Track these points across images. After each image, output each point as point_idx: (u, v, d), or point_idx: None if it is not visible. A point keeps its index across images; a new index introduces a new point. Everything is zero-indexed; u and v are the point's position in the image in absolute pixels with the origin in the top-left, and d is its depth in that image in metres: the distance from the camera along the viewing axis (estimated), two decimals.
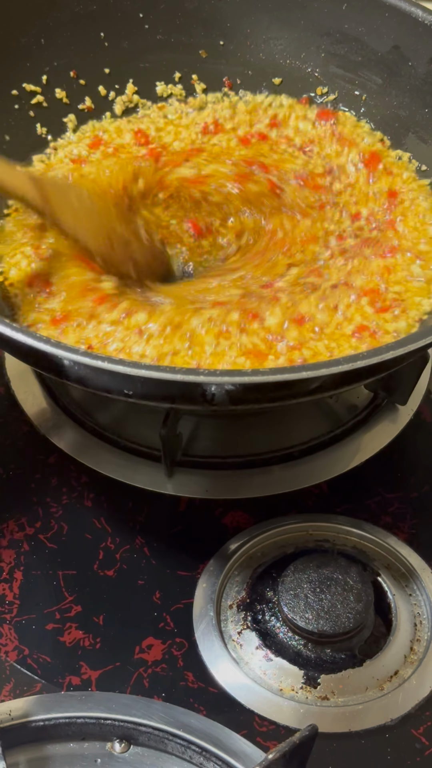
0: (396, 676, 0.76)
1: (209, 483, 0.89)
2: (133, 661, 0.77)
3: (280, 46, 1.04)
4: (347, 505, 0.88)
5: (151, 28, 1.04)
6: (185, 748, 0.70)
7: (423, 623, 0.79)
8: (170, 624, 0.79)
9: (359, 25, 1.00)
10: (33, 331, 0.70)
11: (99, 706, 0.72)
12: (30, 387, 0.96)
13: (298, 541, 0.84)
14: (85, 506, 0.88)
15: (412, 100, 0.98)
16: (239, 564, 0.82)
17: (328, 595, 0.76)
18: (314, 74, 1.04)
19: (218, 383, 0.65)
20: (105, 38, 1.03)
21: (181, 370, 0.66)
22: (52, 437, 0.92)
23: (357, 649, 0.77)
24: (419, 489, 0.90)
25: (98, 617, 0.80)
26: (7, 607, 0.80)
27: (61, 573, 0.82)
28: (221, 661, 0.76)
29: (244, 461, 0.90)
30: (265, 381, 0.66)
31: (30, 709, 0.71)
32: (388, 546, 0.83)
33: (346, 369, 0.66)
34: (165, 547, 0.85)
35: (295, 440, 0.92)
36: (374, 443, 0.93)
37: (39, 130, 1.02)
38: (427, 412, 0.96)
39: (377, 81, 1.00)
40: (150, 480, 0.89)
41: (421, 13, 0.95)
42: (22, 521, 0.86)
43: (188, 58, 1.05)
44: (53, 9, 1.00)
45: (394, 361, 0.69)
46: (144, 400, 0.71)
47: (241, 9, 1.04)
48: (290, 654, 0.77)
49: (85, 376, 0.69)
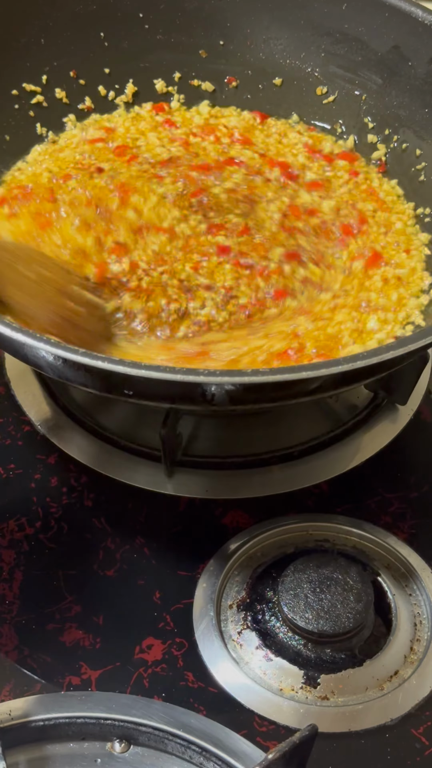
0: (396, 676, 0.76)
1: (209, 483, 0.89)
2: (133, 661, 0.77)
3: (280, 46, 1.04)
4: (347, 505, 0.88)
5: (151, 28, 1.04)
6: (185, 748, 0.70)
7: (423, 623, 0.79)
8: (170, 624, 0.79)
9: (359, 25, 1.00)
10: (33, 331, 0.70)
11: (99, 706, 0.72)
12: (30, 387, 0.96)
13: (298, 541, 0.84)
14: (85, 506, 0.88)
15: (412, 100, 0.98)
16: (239, 564, 0.82)
17: (328, 595, 0.76)
18: (314, 74, 1.04)
19: (218, 383, 0.65)
20: (105, 38, 1.03)
21: (181, 371, 0.66)
22: (52, 437, 0.92)
23: (357, 649, 0.77)
24: (419, 489, 0.90)
25: (98, 617, 0.80)
26: (7, 607, 0.80)
27: (61, 573, 0.82)
28: (221, 661, 0.76)
29: (244, 461, 0.90)
30: (265, 381, 0.66)
31: (30, 709, 0.71)
32: (388, 546, 0.83)
33: (346, 369, 0.66)
34: (165, 547, 0.85)
35: (295, 440, 0.92)
36: (374, 443, 0.93)
37: (39, 129, 1.02)
38: (427, 412, 0.96)
39: (377, 81, 1.00)
40: (150, 480, 0.89)
41: (421, 13, 0.95)
42: (22, 521, 0.86)
43: (188, 58, 1.05)
44: (53, 9, 1.01)
45: (394, 361, 0.69)
46: (144, 400, 0.71)
47: (241, 9, 1.04)
48: (290, 654, 0.77)
49: (84, 376, 0.69)
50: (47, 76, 1.02)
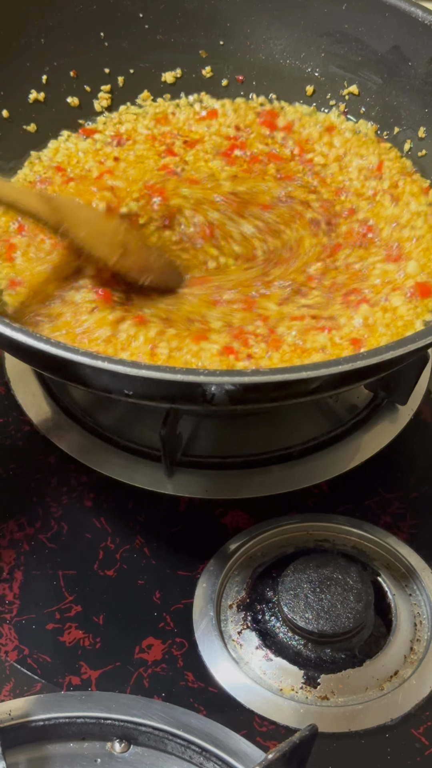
0: (396, 676, 0.76)
1: (209, 483, 0.89)
2: (133, 661, 0.77)
3: (280, 46, 1.04)
4: (347, 505, 0.88)
5: (151, 28, 1.04)
6: (185, 748, 0.70)
7: (423, 623, 0.79)
8: (170, 624, 0.79)
9: (359, 25, 1.00)
10: (33, 331, 0.70)
11: (99, 706, 0.72)
12: (30, 387, 0.96)
13: (298, 541, 0.84)
14: (85, 506, 0.88)
15: (412, 100, 0.98)
16: (239, 564, 0.82)
17: (328, 595, 0.76)
18: (314, 74, 1.04)
19: (218, 383, 0.65)
20: (105, 38, 1.03)
21: (181, 370, 0.66)
22: (52, 437, 0.92)
23: (357, 649, 0.77)
24: (419, 489, 0.90)
25: (98, 617, 0.80)
26: (7, 607, 0.80)
27: (61, 573, 0.82)
28: (221, 661, 0.76)
29: (243, 461, 0.90)
30: (265, 381, 0.66)
31: (30, 709, 0.71)
32: (388, 546, 0.83)
33: (346, 369, 0.66)
34: (165, 547, 0.85)
35: (295, 440, 0.92)
36: (374, 443, 0.93)
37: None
38: (427, 412, 0.96)
39: (377, 81, 1.00)
40: (150, 480, 0.89)
41: (421, 13, 0.95)
42: (22, 521, 0.86)
43: (188, 58, 1.05)
44: (53, 9, 1.00)
45: (394, 361, 0.69)
46: (144, 400, 0.72)
47: (241, 9, 1.04)
48: (290, 654, 0.77)
49: (85, 376, 0.69)
50: (47, 77, 1.01)
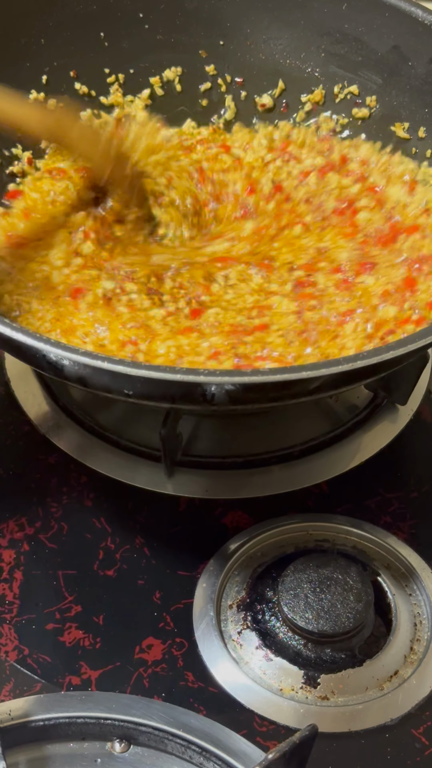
0: (396, 676, 0.76)
1: (209, 483, 0.89)
2: (133, 661, 0.77)
3: (280, 46, 1.04)
4: (347, 505, 0.88)
5: (151, 28, 1.04)
6: (185, 748, 0.70)
7: (423, 623, 0.79)
8: (170, 624, 0.79)
9: (359, 25, 1.00)
10: (33, 330, 0.70)
11: (99, 706, 0.72)
12: (30, 387, 0.96)
13: (298, 541, 0.84)
14: (85, 506, 0.88)
15: (412, 100, 0.98)
16: (239, 564, 0.82)
17: (328, 595, 0.76)
18: (314, 74, 1.04)
19: (218, 383, 0.65)
20: (105, 38, 1.03)
21: (181, 370, 0.66)
22: (52, 437, 0.92)
23: (357, 649, 0.77)
24: (419, 489, 0.90)
25: (98, 617, 0.80)
26: (7, 607, 0.80)
27: (61, 573, 0.82)
28: (221, 661, 0.76)
29: (244, 461, 0.90)
30: (265, 381, 0.66)
31: (30, 709, 0.71)
32: (388, 546, 0.83)
33: (346, 369, 0.66)
34: (165, 547, 0.85)
35: (295, 440, 0.92)
36: (374, 443, 0.93)
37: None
38: (427, 412, 0.96)
39: (377, 81, 1.00)
40: (150, 480, 0.89)
41: (421, 13, 0.95)
42: (22, 521, 0.86)
43: (188, 58, 1.05)
44: (53, 9, 1.00)
45: (394, 361, 0.69)
46: (144, 400, 0.71)
47: (241, 9, 1.04)
48: (290, 654, 0.77)
49: (85, 376, 0.69)
50: (47, 77, 1.01)
